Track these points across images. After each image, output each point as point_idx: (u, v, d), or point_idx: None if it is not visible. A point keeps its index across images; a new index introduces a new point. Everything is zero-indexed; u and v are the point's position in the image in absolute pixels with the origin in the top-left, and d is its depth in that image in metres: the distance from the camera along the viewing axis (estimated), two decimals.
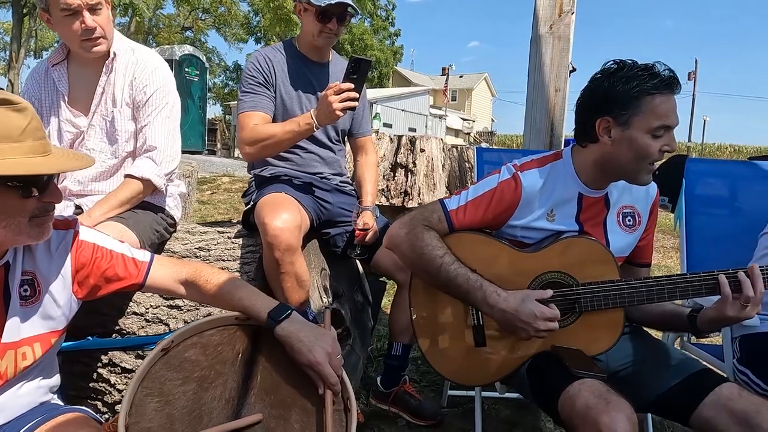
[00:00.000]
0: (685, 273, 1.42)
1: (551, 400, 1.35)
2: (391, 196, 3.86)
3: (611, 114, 1.42)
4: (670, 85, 1.40)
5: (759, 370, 1.67)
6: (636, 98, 1.39)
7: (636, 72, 1.40)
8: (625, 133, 1.41)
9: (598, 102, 1.45)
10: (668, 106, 1.39)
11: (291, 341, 1.26)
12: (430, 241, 1.50)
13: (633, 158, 1.43)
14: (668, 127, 1.40)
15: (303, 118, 1.98)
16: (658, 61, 1.43)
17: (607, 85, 1.43)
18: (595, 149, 1.49)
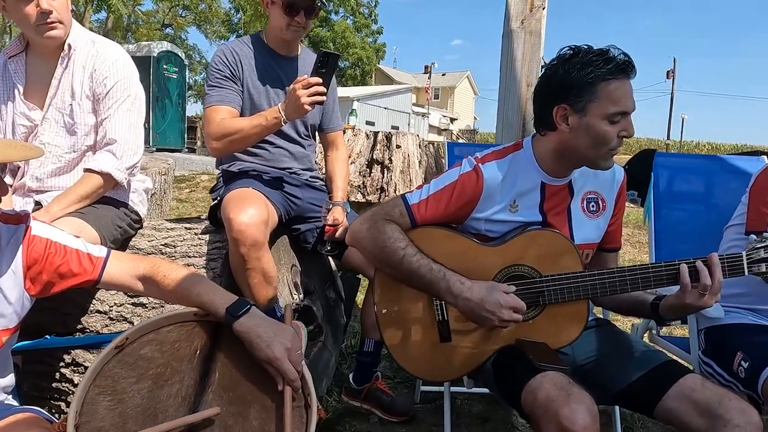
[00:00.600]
0: (647, 264, 1.42)
1: (515, 394, 1.34)
2: (368, 192, 3.84)
3: (567, 101, 1.41)
4: (624, 69, 1.39)
5: (723, 361, 1.68)
6: (591, 84, 1.38)
7: (590, 58, 1.39)
8: (582, 120, 1.40)
9: (554, 90, 1.44)
10: (623, 91, 1.39)
11: (250, 337, 1.23)
12: (391, 234, 1.48)
13: (591, 145, 1.42)
14: (624, 112, 1.39)
15: (271, 112, 1.96)
16: (613, 46, 1.41)
17: (562, 73, 1.42)
18: (554, 137, 1.48)
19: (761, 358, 1.54)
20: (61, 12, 1.78)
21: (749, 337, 1.65)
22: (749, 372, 1.55)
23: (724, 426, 1.26)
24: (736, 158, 2.34)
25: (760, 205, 1.66)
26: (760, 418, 1.30)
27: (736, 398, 1.30)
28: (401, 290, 1.54)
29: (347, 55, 38.76)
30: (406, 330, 1.55)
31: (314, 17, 2.13)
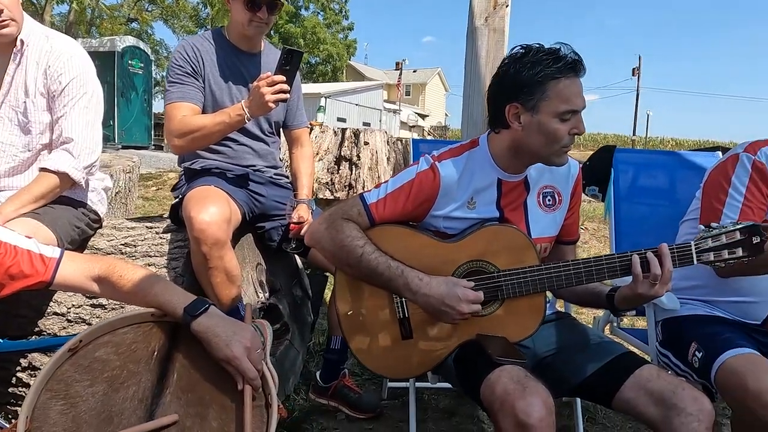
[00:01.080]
0: (601, 255, 1.45)
1: (475, 388, 1.35)
2: (336, 189, 3.83)
3: (519, 100, 1.43)
4: (574, 68, 1.41)
5: (678, 352, 1.73)
6: (541, 83, 1.40)
7: (540, 57, 1.41)
8: (534, 118, 1.43)
9: (506, 89, 1.46)
10: (573, 89, 1.41)
11: (208, 336, 1.22)
12: (350, 232, 1.48)
13: (544, 143, 1.44)
14: (574, 110, 1.42)
15: (234, 110, 1.94)
16: (564, 44, 1.44)
17: (513, 72, 1.43)
18: (508, 135, 1.50)
19: (714, 348, 1.58)
20: (12, 9, 1.73)
21: (703, 328, 1.69)
22: (703, 362, 1.60)
23: (677, 414, 1.30)
24: (694, 154, 2.40)
25: (712, 200, 1.71)
26: (712, 406, 1.34)
27: (689, 387, 1.34)
28: (362, 289, 1.54)
29: (318, 52, 38.54)
30: (367, 329, 1.55)
31: (277, 13, 2.11)
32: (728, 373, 1.50)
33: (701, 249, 1.41)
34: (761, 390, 1.40)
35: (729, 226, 1.40)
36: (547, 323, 1.63)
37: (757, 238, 1.38)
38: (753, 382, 1.42)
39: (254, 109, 1.89)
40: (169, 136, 2.02)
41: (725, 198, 1.68)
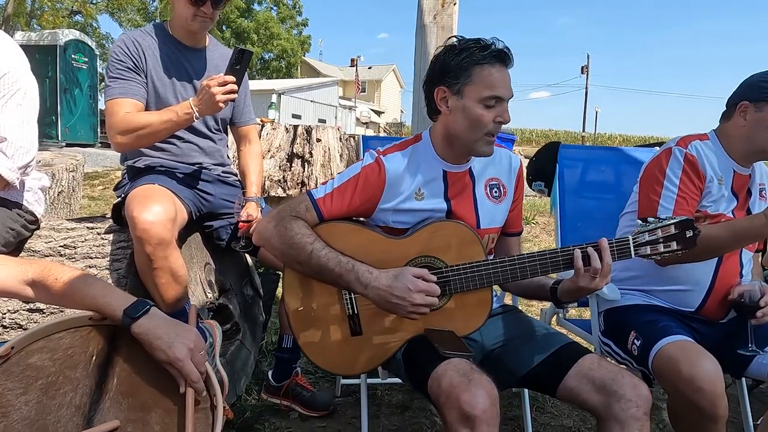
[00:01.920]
0: (545, 250, 1.49)
1: (424, 383, 1.37)
2: (288, 187, 3.79)
3: (445, 84, 1.49)
4: (499, 57, 1.47)
5: (619, 341, 1.79)
6: (466, 68, 1.46)
7: (469, 44, 1.48)
8: (459, 102, 1.48)
9: (435, 75, 1.52)
10: (498, 77, 1.46)
11: (149, 338, 1.19)
12: (298, 229, 1.48)
13: (468, 127, 1.49)
14: (499, 98, 1.47)
15: (182, 108, 1.90)
16: (495, 38, 1.49)
17: (443, 58, 1.50)
18: (441, 121, 1.56)
19: (651, 336, 1.64)
20: None
21: (641, 317, 1.76)
22: (641, 349, 1.66)
23: (618, 401, 1.35)
24: (635, 150, 2.49)
25: (649, 193, 1.77)
26: (650, 392, 1.39)
27: (628, 375, 1.40)
28: (310, 286, 1.53)
29: (271, 47, 38.02)
30: (316, 326, 1.54)
31: (221, 8, 2.07)
32: (664, 360, 1.56)
33: (638, 243, 1.46)
34: (693, 375, 1.47)
35: (664, 221, 1.46)
36: (494, 316, 1.67)
37: (691, 231, 1.45)
38: (686, 367, 1.49)
39: (204, 109, 1.87)
40: (111, 132, 1.95)
41: (661, 190, 1.74)
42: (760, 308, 1.61)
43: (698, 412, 1.50)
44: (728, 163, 1.78)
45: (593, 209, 2.32)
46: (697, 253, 1.61)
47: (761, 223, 1.58)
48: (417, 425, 2.21)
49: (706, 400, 1.46)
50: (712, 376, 1.47)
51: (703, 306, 1.78)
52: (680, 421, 1.65)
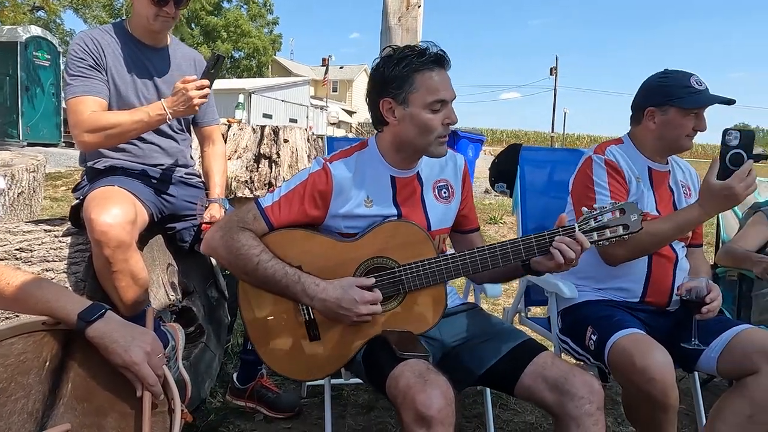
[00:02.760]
0: (494, 243, 1.52)
1: (382, 384, 1.38)
2: (255, 188, 3.77)
3: (390, 95, 1.50)
4: (437, 61, 1.50)
5: (577, 337, 1.84)
6: (407, 77, 1.47)
7: (406, 53, 1.49)
8: (406, 111, 1.50)
9: (377, 86, 1.53)
10: (439, 81, 1.49)
11: (104, 342, 1.17)
12: (245, 240, 1.48)
13: (419, 134, 1.51)
14: (443, 101, 1.49)
15: (153, 109, 1.90)
16: (431, 42, 1.52)
17: (382, 70, 1.51)
18: (389, 131, 1.56)
19: (606, 330, 1.70)
20: None
21: (596, 312, 1.81)
22: (597, 344, 1.71)
23: (571, 399, 1.39)
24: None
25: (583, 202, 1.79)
26: (602, 388, 1.44)
27: (579, 372, 1.43)
28: (265, 295, 1.53)
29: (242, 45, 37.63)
30: (275, 334, 1.55)
31: (183, 6, 2.05)
32: (618, 353, 1.61)
33: (584, 230, 1.49)
34: (646, 366, 1.53)
35: (608, 206, 1.50)
36: (455, 314, 1.69)
37: (635, 215, 1.49)
38: (639, 359, 1.54)
39: (179, 111, 1.89)
40: (77, 131, 1.91)
41: (594, 195, 1.83)
42: (705, 304, 1.68)
43: (650, 401, 1.56)
44: (644, 162, 1.91)
45: (554, 209, 2.35)
46: (646, 247, 1.75)
47: (699, 212, 1.70)
48: (382, 425, 2.23)
49: (658, 390, 1.52)
50: (663, 368, 1.53)
51: (646, 293, 1.86)
52: (634, 412, 1.71)
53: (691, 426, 2.24)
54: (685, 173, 2.02)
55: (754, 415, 1.57)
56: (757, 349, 1.59)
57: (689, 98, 1.78)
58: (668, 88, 1.82)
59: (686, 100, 1.78)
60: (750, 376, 1.58)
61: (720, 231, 2.78)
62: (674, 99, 1.80)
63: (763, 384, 1.55)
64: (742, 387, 1.60)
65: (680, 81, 1.82)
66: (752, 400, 1.56)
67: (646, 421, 1.67)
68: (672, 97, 1.80)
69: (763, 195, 2.83)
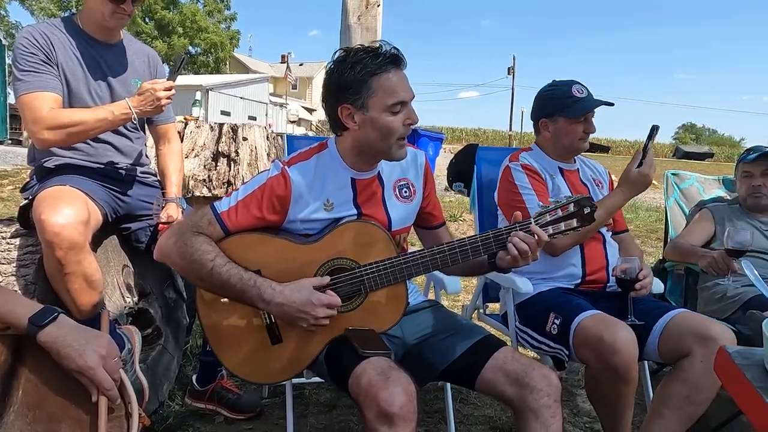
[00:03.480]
0: (453, 241, 1.54)
1: (344, 382, 1.39)
2: (214, 186, 3.70)
3: (348, 101, 1.48)
4: (394, 61, 1.48)
5: (536, 326, 1.91)
6: (364, 81, 1.45)
7: (360, 56, 1.47)
8: (366, 115, 1.48)
9: (333, 92, 1.50)
10: (397, 81, 1.47)
11: (57, 347, 1.14)
12: (199, 246, 1.45)
13: (380, 137, 1.50)
14: (403, 102, 1.48)
15: (118, 108, 1.87)
16: (384, 41, 1.51)
17: (337, 75, 1.48)
18: (349, 136, 1.55)
19: (569, 313, 1.78)
20: None
21: (555, 299, 1.90)
22: (561, 327, 1.79)
23: (530, 392, 1.43)
24: None
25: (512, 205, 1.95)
26: (559, 380, 1.48)
27: (539, 366, 1.48)
28: (224, 300, 1.51)
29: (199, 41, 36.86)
30: (235, 339, 1.53)
31: (140, 3, 2.01)
32: (585, 331, 1.70)
33: (541, 224, 1.53)
34: (614, 339, 1.62)
35: (563, 200, 1.54)
36: (416, 312, 1.71)
37: (588, 208, 1.54)
38: (607, 334, 1.64)
39: (145, 111, 1.90)
40: (36, 127, 1.84)
41: (521, 198, 1.99)
42: (638, 281, 1.79)
43: (614, 374, 1.64)
44: (554, 163, 2.12)
45: None
46: (584, 234, 1.88)
47: (621, 196, 1.96)
48: (344, 423, 2.23)
49: (623, 361, 1.62)
50: (629, 342, 1.64)
51: (586, 272, 1.99)
52: (597, 388, 1.78)
53: (642, 414, 2.32)
54: (593, 170, 2.22)
55: (691, 396, 1.66)
56: (689, 332, 1.68)
57: (572, 108, 2.00)
58: (554, 100, 2.04)
59: (570, 109, 2.00)
60: (685, 358, 1.68)
61: (668, 227, 2.89)
62: (560, 110, 2.02)
63: (696, 365, 1.64)
64: (678, 370, 1.70)
65: (564, 92, 2.02)
66: (688, 381, 1.66)
67: (607, 398, 1.76)
68: (558, 107, 2.03)
69: (707, 192, 2.96)
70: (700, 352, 1.64)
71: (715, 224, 2.51)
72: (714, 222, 2.52)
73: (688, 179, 2.98)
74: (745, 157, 2.51)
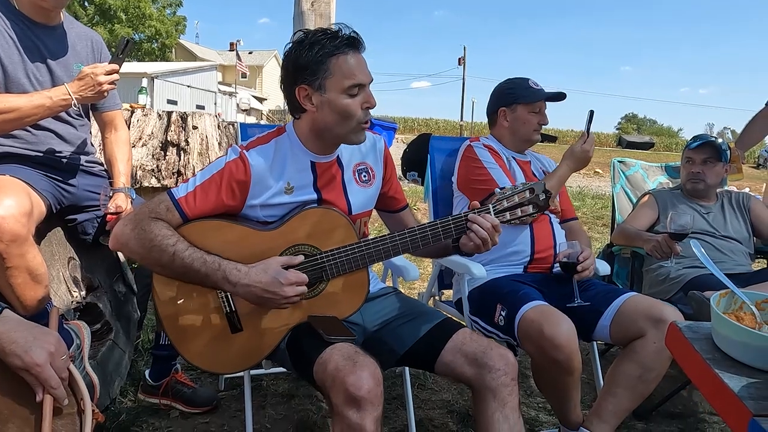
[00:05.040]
0: (414, 227, 1.55)
1: (309, 369, 1.38)
2: (163, 176, 3.59)
3: (305, 82, 1.46)
4: (352, 44, 1.47)
5: (486, 316, 1.94)
6: (321, 62, 1.44)
7: (318, 37, 1.46)
8: (324, 97, 1.46)
9: (291, 73, 1.49)
10: (355, 63, 1.46)
11: (2, 344, 1.08)
12: (158, 231, 1.41)
13: (338, 120, 1.49)
14: (360, 84, 1.48)
15: (56, 93, 1.77)
16: (343, 24, 1.49)
17: (294, 56, 1.46)
18: (307, 118, 1.53)
19: (513, 305, 1.81)
20: None
21: (501, 289, 1.93)
22: (507, 319, 1.82)
23: (489, 372, 1.46)
24: None
25: (477, 179, 2.07)
26: (516, 359, 1.52)
27: (496, 346, 1.51)
28: (182, 288, 1.48)
29: (143, 28, 35.57)
30: (194, 329, 1.50)
31: None
32: (527, 323, 1.74)
33: (499, 210, 1.56)
34: (554, 334, 1.66)
35: (519, 187, 1.58)
36: (375, 299, 1.72)
37: (543, 194, 1.58)
38: (547, 328, 1.67)
39: (86, 97, 1.81)
40: None
41: (486, 171, 2.09)
42: (580, 263, 1.86)
43: (557, 366, 1.69)
44: (508, 153, 2.22)
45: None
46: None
47: (566, 169, 2.12)
48: (304, 412, 2.23)
49: (564, 355, 1.66)
50: (569, 335, 1.67)
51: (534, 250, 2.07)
52: (543, 377, 1.85)
53: (591, 393, 2.42)
54: (544, 163, 2.34)
55: (642, 375, 1.74)
56: (643, 315, 1.75)
57: (531, 95, 2.15)
58: (513, 90, 2.18)
59: (528, 96, 2.15)
60: (637, 339, 1.75)
61: (615, 213, 3.00)
62: (519, 98, 2.16)
63: (649, 346, 1.72)
64: (630, 351, 1.77)
65: (522, 84, 2.18)
66: (640, 361, 1.73)
67: (553, 386, 1.82)
68: (517, 96, 2.16)
69: (651, 178, 3.08)
70: (653, 333, 1.70)
71: (658, 209, 2.62)
72: (658, 207, 2.63)
73: (633, 166, 3.10)
74: (689, 144, 2.64)
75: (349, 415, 1.26)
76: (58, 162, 1.96)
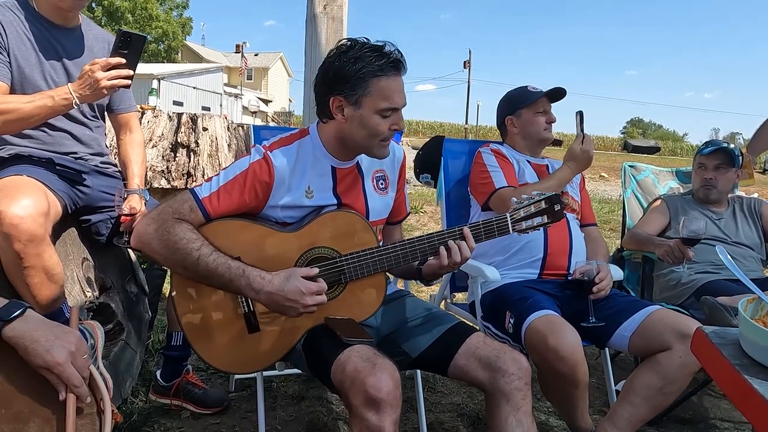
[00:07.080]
0: (423, 236, 1.55)
1: (326, 371, 1.38)
2: (173, 178, 3.61)
3: (342, 94, 1.47)
4: (396, 66, 1.48)
5: (497, 322, 1.94)
6: (363, 79, 1.44)
7: (365, 53, 1.45)
8: (356, 112, 1.47)
9: (330, 81, 1.49)
10: (394, 88, 1.47)
11: (24, 342, 1.09)
12: (183, 234, 1.41)
13: (365, 136, 1.50)
14: (395, 108, 1.49)
15: (59, 93, 1.74)
16: (389, 42, 1.50)
17: (337, 65, 1.46)
18: (334, 125, 1.54)
19: (522, 313, 1.81)
20: None
21: (512, 296, 1.92)
22: (515, 327, 1.82)
23: (502, 376, 1.46)
24: None
25: (481, 182, 2.15)
26: (529, 364, 1.52)
27: (509, 351, 1.52)
28: (201, 288, 1.49)
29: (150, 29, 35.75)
30: (211, 328, 1.50)
31: None
32: (533, 333, 1.73)
33: (515, 219, 1.57)
34: (558, 345, 1.65)
35: (535, 197, 1.58)
36: (389, 302, 1.72)
37: (558, 205, 1.58)
38: (552, 339, 1.67)
39: (86, 96, 1.73)
40: None
41: (489, 176, 2.15)
42: (596, 284, 1.85)
43: (561, 378, 1.69)
44: (523, 156, 2.27)
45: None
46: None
47: (568, 171, 2.12)
48: (314, 414, 2.23)
49: (567, 367, 1.65)
50: (573, 347, 1.66)
51: (546, 256, 2.05)
52: (548, 388, 1.84)
53: (602, 398, 2.41)
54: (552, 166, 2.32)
55: (664, 387, 1.73)
56: (669, 328, 1.74)
57: (531, 97, 2.21)
58: (514, 98, 2.26)
59: (529, 98, 2.21)
60: (662, 352, 1.73)
61: (625, 218, 2.99)
62: (521, 103, 2.23)
63: (675, 359, 1.70)
64: (654, 362, 1.75)
65: (520, 91, 2.26)
66: (664, 373, 1.72)
67: (559, 396, 1.82)
68: (519, 102, 2.23)
69: (661, 183, 3.08)
70: (679, 347, 1.69)
71: (670, 214, 2.62)
72: (669, 212, 2.62)
73: (644, 171, 3.09)
74: (702, 150, 2.63)
75: (369, 417, 1.26)
76: (73, 163, 1.97)
